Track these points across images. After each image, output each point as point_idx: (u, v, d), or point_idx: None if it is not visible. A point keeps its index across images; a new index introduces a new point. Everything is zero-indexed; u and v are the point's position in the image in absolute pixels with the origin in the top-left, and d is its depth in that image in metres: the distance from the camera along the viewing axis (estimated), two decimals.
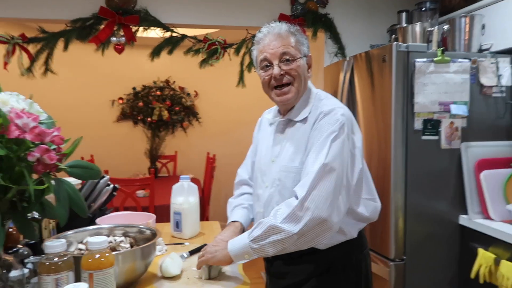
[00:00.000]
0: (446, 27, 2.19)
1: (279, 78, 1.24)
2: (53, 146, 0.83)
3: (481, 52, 2.13)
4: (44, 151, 0.77)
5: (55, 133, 0.81)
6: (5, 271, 0.87)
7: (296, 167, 1.24)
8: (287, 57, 1.23)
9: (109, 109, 5.05)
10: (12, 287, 0.91)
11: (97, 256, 0.88)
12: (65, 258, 0.86)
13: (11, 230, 1.08)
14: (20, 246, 1.09)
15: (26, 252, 1.10)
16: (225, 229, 1.36)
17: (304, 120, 1.27)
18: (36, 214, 1.25)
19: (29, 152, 0.76)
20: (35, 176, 0.84)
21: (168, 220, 1.81)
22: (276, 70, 1.23)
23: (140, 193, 3.45)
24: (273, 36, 1.25)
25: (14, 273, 0.89)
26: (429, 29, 2.22)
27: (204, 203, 3.84)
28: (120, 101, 5.07)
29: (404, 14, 2.63)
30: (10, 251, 1.04)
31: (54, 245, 0.85)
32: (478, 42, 2.14)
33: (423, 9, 2.48)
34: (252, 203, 1.45)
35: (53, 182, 0.85)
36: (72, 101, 4.56)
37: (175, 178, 4.24)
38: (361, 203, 1.29)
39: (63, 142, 0.83)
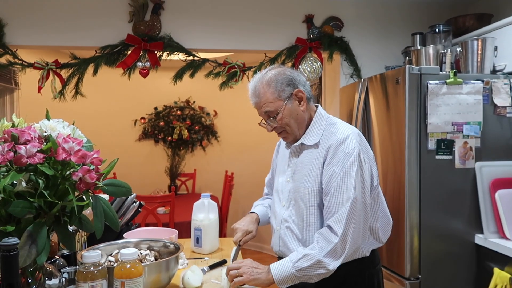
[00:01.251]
0: (458, 49, 2.26)
1: (274, 131, 1.39)
2: (92, 167, 0.93)
3: (494, 73, 2.18)
4: (86, 171, 0.87)
5: (95, 155, 0.91)
6: (46, 278, 0.96)
7: (307, 189, 1.33)
8: (270, 115, 1.35)
9: (132, 129, 5.24)
10: None
11: (128, 266, 0.97)
12: (100, 268, 0.96)
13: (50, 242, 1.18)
14: (56, 257, 1.19)
15: (62, 263, 1.20)
16: (243, 218, 1.54)
17: (316, 144, 1.35)
18: (70, 229, 1.36)
19: (74, 172, 0.87)
20: (76, 193, 0.94)
21: (187, 236, 1.90)
22: (267, 128, 1.39)
23: (161, 210, 3.56)
24: (253, 96, 1.37)
25: (53, 281, 0.98)
26: (442, 51, 2.29)
27: (222, 221, 3.91)
28: (142, 121, 5.26)
29: (418, 37, 2.70)
30: (48, 262, 1.14)
31: (91, 255, 0.95)
32: (491, 64, 2.19)
33: (437, 31, 2.54)
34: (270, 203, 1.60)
35: (91, 199, 0.95)
36: (98, 121, 4.77)
37: (194, 196, 4.35)
38: (379, 220, 1.37)
39: (101, 163, 0.94)
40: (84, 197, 0.93)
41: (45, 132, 0.92)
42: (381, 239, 1.37)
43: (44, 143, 0.91)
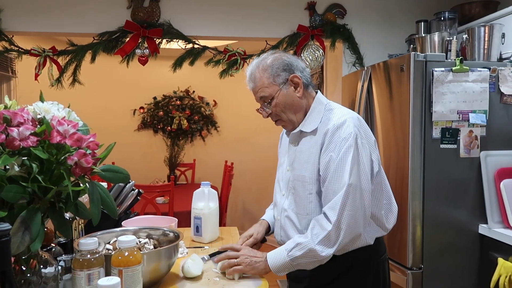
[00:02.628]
0: (465, 36, 2.21)
1: (270, 117, 1.36)
2: (89, 151, 0.89)
3: (501, 61, 2.13)
4: (81, 155, 0.83)
5: (91, 139, 0.87)
6: (41, 266, 0.93)
7: (305, 177, 1.29)
8: (265, 100, 1.32)
9: (131, 118, 5.19)
10: (47, 283, 0.97)
11: (126, 253, 0.93)
12: (97, 255, 0.92)
13: (45, 229, 1.15)
14: (53, 245, 1.16)
15: (58, 251, 1.17)
16: (254, 225, 1.51)
17: (314, 131, 1.31)
18: (67, 216, 1.32)
19: (69, 156, 0.83)
20: (71, 178, 0.91)
21: (186, 226, 1.87)
22: (263, 115, 1.36)
23: (160, 199, 3.53)
24: (250, 80, 1.36)
25: (49, 269, 0.95)
26: (448, 38, 2.24)
27: (222, 210, 3.89)
28: (141, 110, 5.21)
29: (422, 24, 2.65)
30: (44, 249, 1.11)
31: (88, 242, 0.91)
32: (498, 51, 2.14)
33: (442, 18, 2.49)
34: None
35: (87, 184, 0.91)
36: (96, 110, 4.71)
37: (193, 186, 4.32)
38: (383, 207, 1.33)
39: (97, 147, 0.90)
40: (80, 182, 0.89)
41: (39, 114, 0.88)
42: (385, 226, 1.34)
43: (38, 126, 0.87)
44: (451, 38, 2.22)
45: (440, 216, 2.00)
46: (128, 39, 2.66)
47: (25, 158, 0.85)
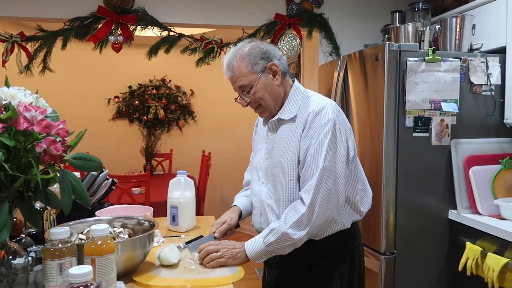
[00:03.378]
0: (437, 27, 2.25)
1: (249, 106, 1.36)
2: (58, 139, 0.87)
3: (471, 52, 2.19)
4: (50, 142, 0.81)
5: (61, 126, 0.85)
6: (10, 257, 0.90)
7: (285, 163, 1.30)
8: (244, 89, 1.32)
9: (105, 108, 5.08)
10: (16, 274, 0.95)
11: (99, 242, 0.92)
12: (69, 245, 0.90)
13: (14, 220, 1.11)
14: (23, 235, 1.13)
15: (28, 242, 1.14)
16: (226, 212, 1.50)
17: (293, 119, 1.32)
18: (37, 206, 1.29)
19: (37, 143, 0.80)
20: (40, 167, 0.88)
21: (163, 216, 1.85)
22: (242, 104, 1.36)
23: (136, 190, 3.49)
24: (227, 69, 1.34)
25: (19, 260, 0.92)
26: (421, 29, 2.28)
27: (199, 200, 3.88)
28: (116, 100, 5.09)
29: (397, 14, 2.68)
30: (13, 240, 1.08)
31: (59, 231, 0.89)
32: (468, 42, 2.20)
33: (416, 9, 2.53)
34: None
35: (57, 173, 0.88)
36: (69, 99, 4.58)
37: (170, 176, 4.26)
38: (358, 193, 1.36)
39: (67, 134, 0.87)
40: (50, 170, 0.87)
41: (4, 100, 0.85)
42: (361, 211, 1.37)
43: (4, 112, 0.84)
44: (424, 28, 2.26)
45: (412, 203, 2.05)
46: (101, 25, 2.58)
47: None
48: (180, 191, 1.69)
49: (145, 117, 5.05)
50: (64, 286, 0.77)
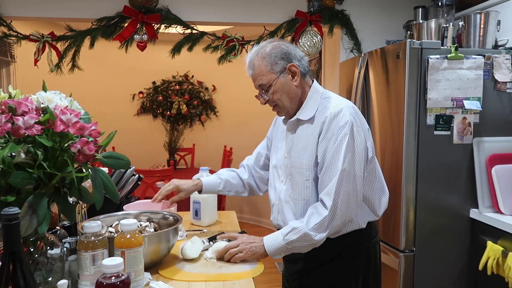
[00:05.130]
0: (461, 23, 2.22)
1: (267, 104, 1.39)
2: (91, 139, 0.93)
3: (496, 48, 2.15)
4: (84, 143, 0.88)
5: (93, 128, 0.91)
6: (48, 248, 0.98)
7: (302, 163, 1.34)
8: (263, 88, 1.35)
9: (130, 103, 5.21)
10: (54, 263, 1.03)
11: (128, 236, 0.99)
12: (101, 237, 0.98)
13: (51, 213, 1.19)
14: (58, 227, 1.21)
15: (63, 234, 1.22)
16: (187, 181, 1.59)
17: (311, 119, 1.35)
18: (70, 201, 1.37)
19: (72, 143, 0.87)
20: (75, 165, 0.95)
21: (185, 210, 1.92)
22: (261, 101, 1.39)
23: (160, 184, 3.58)
24: (249, 68, 1.38)
25: (55, 251, 1.00)
26: (444, 25, 2.26)
27: (221, 195, 3.95)
28: (140, 95, 5.22)
29: (420, 10, 2.65)
30: (50, 232, 1.16)
31: (92, 225, 0.96)
32: (493, 38, 2.16)
33: (439, 4, 2.50)
34: (230, 178, 1.62)
35: (90, 170, 0.95)
36: (95, 95, 4.73)
37: (193, 170, 4.37)
38: (376, 192, 1.39)
39: (99, 135, 0.94)
40: (83, 168, 0.94)
41: (42, 103, 0.92)
42: (376, 212, 1.40)
43: (42, 115, 0.91)
44: (447, 25, 2.24)
45: (432, 201, 2.05)
46: (126, 24, 2.66)
47: (30, 145, 0.89)
48: None
49: (168, 112, 5.16)
50: (98, 275, 0.84)
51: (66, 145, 0.89)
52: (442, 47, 2.03)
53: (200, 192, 1.59)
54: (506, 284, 1.75)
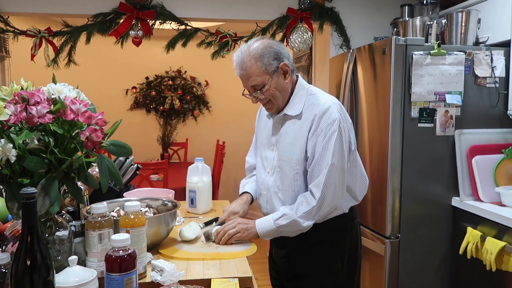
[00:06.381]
0: (444, 21, 2.33)
1: (259, 102, 1.46)
2: (97, 128, 1.01)
3: (477, 45, 2.26)
4: (92, 130, 0.96)
5: (100, 117, 0.99)
6: (57, 228, 1.06)
7: (292, 157, 1.42)
8: (257, 88, 1.41)
9: (123, 98, 5.26)
10: (62, 243, 1.11)
11: (132, 216, 1.07)
12: (107, 218, 1.06)
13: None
14: (63, 212, 1.29)
15: (68, 218, 1.30)
16: (237, 199, 1.61)
17: (299, 115, 1.43)
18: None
19: (81, 131, 0.95)
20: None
21: (181, 199, 2.00)
22: (253, 100, 1.45)
23: (154, 177, 3.66)
24: (239, 68, 1.40)
25: (63, 232, 1.08)
26: (429, 23, 2.36)
27: (214, 187, 4.04)
28: (134, 90, 5.27)
29: (406, 8, 2.75)
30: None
31: (99, 207, 1.05)
32: (474, 36, 2.27)
33: (424, 3, 2.60)
34: None
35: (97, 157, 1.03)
36: (90, 90, 4.68)
37: (186, 164, 4.43)
38: (357, 181, 1.48)
39: (105, 124, 1.02)
40: (90, 155, 1.02)
41: (53, 94, 0.99)
42: (357, 198, 1.51)
43: (52, 105, 0.99)
44: (431, 22, 2.34)
45: (416, 190, 2.16)
46: (122, 20, 2.72)
47: (42, 132, 0.97)
48: (198, 176, 1.83)
49: (161, 107, 5.22)
50: (104, 253, 0.93)
51: (75, 132, 0.97)
52: (425, 44, 2.13)
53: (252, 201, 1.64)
54: (484, 267, 1.87)
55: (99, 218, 1.04)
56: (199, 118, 5.42)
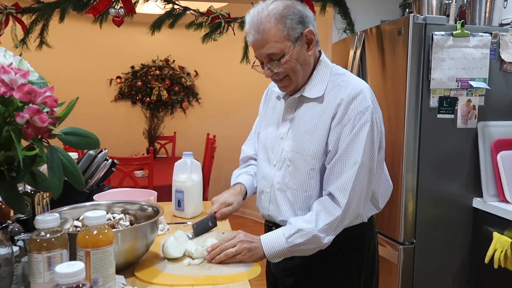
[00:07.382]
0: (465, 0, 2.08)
1: (273, 77, 1.17)
2: (46, 109, 0.73)
3: (502, 26, 2.02)
4: (34, 112, 0.67)
5: (48, 93, 0.70)
6: None
7: (308, 150, 1.15)
8: (274, 58, 1.12)
9: (107, 88, 4.93)
10: None
11: (95, 232, 0.78)
12: (59, 235, 0.77)
13: (0, 204, 0.98)
14: (10, 222, 1.00)
15: (16, 229, 1.01)
16: (229, 189, 1.34)
17: (319, 99, 1.15)
18: (28, 189, 1.16)
19: (17, 112, 0.66)
20: (26, 143, 0.74)
21: (167, 201, 1.72)
22: (266, 73, 1.17)
23: (139, 173, 3.37)
24: (255, 31, 1.11)
25: (1, 251, 0.79)
26: (447, 1, 2.11)
27: (204, 185, 3.76)
28: (118, 80, 4.94)
29: None
30: None
31: (46, 219, 0.75)
32: (499, 16, 2.03)
33: None
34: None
35: (45, 149, 0.75)
36: (68, 78, 4.42)
37: (174, 159, 4.14)
38: (381, 186, 1.24)
39: (56, 104, 0.73)
40: (35, 146, 0.73)
41: None
42: (379, 206, 1.26)
43: None
44: (450, 1, 2.09)
45: (434, 189, 1.92)
46: None
47: None
48: (186, 174, 1.55)
49: (148, 99, 4.91)
50: (52, 285, 0.64)
51: (9, 115, 0.68)
52: (447, 24, 1.88)
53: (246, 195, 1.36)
54: None
55: (48, 235, 0.75)
56: (188, 110, 5.12)
